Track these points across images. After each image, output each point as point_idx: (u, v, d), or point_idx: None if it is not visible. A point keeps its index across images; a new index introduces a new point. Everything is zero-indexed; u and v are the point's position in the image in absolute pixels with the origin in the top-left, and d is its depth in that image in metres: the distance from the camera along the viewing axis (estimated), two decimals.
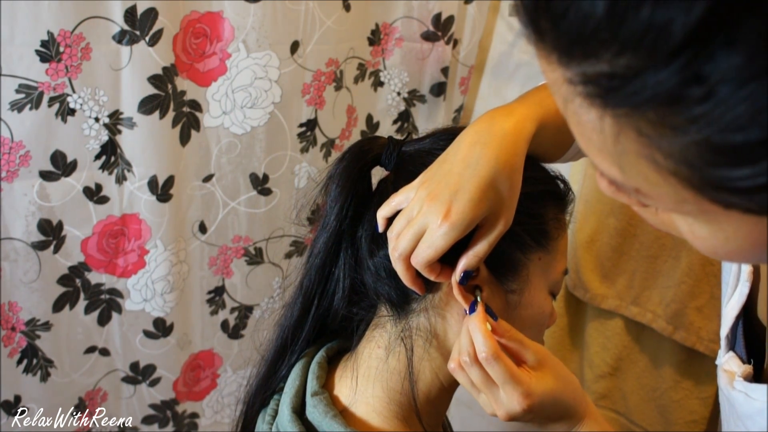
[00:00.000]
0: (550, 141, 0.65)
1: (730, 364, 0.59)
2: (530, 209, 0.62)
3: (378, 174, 0.68)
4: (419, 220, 0.56)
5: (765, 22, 0.27)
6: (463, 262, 0.58)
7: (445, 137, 0.65)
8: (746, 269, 0.59)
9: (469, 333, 0.57)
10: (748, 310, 0.61)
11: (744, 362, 0.59)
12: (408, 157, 0.66)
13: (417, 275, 0.59)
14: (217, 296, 1.28)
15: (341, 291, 0.66)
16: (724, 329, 0.61)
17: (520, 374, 0.56)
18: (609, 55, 0.30)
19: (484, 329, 0.56)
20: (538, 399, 0.56)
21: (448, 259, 0.58)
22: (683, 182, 0.33)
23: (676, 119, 0.30)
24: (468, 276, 0.58)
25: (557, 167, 0.70)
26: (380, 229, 0.61)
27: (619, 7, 0.29)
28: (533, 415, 0.56)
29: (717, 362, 0.62)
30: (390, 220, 0.61)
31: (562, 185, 0.67)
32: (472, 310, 0.58)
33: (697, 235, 0.37)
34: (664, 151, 0.32)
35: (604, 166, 0.37)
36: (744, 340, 0.60)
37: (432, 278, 0.58)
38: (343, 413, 0.63)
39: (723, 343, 0.61)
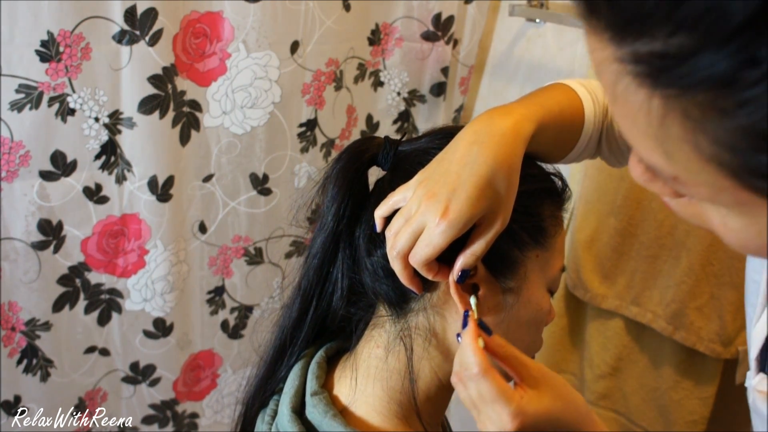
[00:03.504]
0: (552, 141, 0.65)
1: (762, 385, 0.59)
2: (527, 207, 0.62)
3: (375, 174, 0.68)
4: (417, 219, 0.56)
5: None
6: (461, 261, 0.58)
7: (441, 136, 0.65)
8: None
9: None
10: None
11: None
12: (404, 156, 0.65)
13: (415, 274, 0.59)
14: (217, 296, 1.28)
15: (339, 291, 0.66)
16: (753, 351, 0.61)
17: (511, 393, 0.53)
18: (664, 35, 0.30)
19: (474, 346, 0.53)
20: (532, 419, 0.52)
21: (445, 258, 0.57)
22: (724, 170, 0.33)
23: (726, 102, 0.30)
24: (465, 274, 0.58)
25: (557, 165, 0.70)
26: (378, 228, 0.61)
27: None
28: None
29: (746, 384, 0.62)
30: (388, 220, 0.61)
31: (559, 182, 0.67)
32: (465, 324, 0.56)
33: (730, 228, 0.37)
34: (709, 135, 0.32)
35: (645, 152, 0.36)
36: None
37: (430, 277, 0.58)
38: (342, 413, 0.63)
39: (753, 365, 0.61)
